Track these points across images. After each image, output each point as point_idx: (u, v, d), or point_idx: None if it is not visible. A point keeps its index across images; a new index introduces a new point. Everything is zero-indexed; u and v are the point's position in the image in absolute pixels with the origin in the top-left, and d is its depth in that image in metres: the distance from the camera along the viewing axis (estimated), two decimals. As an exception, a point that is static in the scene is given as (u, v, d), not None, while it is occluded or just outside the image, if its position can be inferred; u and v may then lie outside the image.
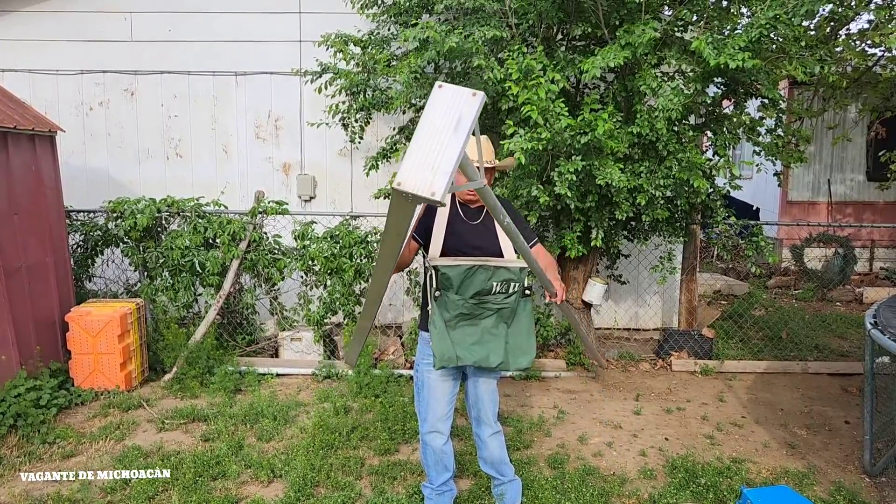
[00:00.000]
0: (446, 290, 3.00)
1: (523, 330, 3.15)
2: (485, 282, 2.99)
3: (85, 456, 4.16)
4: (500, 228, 3.01)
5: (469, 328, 3.05)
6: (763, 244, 5.65)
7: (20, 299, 4.90)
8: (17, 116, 5.01)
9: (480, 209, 3.16)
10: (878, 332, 3.68)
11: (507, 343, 3.10)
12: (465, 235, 3.10)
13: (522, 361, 3.14)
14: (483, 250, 3.06)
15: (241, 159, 7.23)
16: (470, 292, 2.99)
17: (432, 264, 3.00)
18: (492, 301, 3.02)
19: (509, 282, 3.02)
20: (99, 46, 7.02)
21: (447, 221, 3.11)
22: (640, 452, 4.33)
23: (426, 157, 1.64)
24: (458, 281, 2.97)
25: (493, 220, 3.09)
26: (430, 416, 3.20)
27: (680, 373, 6.01)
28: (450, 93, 1.71)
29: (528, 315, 3.16)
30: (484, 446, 3.34)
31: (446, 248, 3.06)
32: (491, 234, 3.12)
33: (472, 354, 3.05)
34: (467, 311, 3.02)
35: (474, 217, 3.15)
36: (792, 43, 4.92)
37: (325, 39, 5.62)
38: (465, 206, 3.16)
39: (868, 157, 10.98)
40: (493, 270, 2.99)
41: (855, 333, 7.30)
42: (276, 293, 6.23)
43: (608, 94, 5.32)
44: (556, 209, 5.55)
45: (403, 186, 1.61)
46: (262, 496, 3.65)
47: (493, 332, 3.07)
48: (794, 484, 3.88)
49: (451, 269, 2.97)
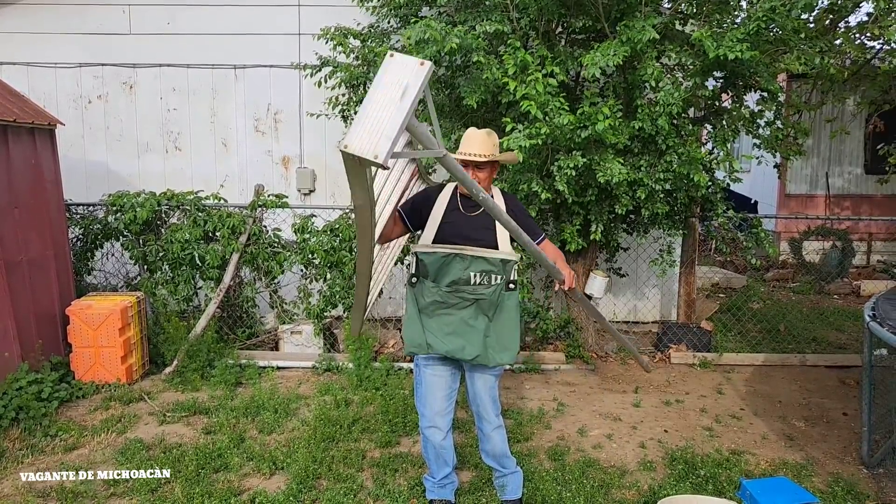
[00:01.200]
0: (423, 276, 3.02)
1: (507, 325, 3.11)
2: (462, 271, 2.98)
3: (87, 449, 4.17)
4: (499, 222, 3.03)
5: (445, 317, 3.04)
6: (763, 235, 5.67)
7: (21, 293, 4.90)
8: (17, 110, 5.00)
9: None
10: (876, 324, 3.70)
11: (486, 337, 3.07)
12: (461, 226, 3.08)
13: (503, 357, 3.12)
14: (477, 242, 3.03)
15: (240, 153, 7.22)
16: (446, 280, 2.99)
17: (413, 251, 3.04)
18: (468, 291, 3.00)
19: (489, 273, 3.00)
20: (97, 39, 6.99)
21: (444, 211, 3.11)
22: (639, 444, 4.36)
23: (372, 122, 1.70)
24: (433, 268, 2.99)
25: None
26: (427, 412, 3.21)
27: (679, 365, 6.04)
28: (399, 62, 1.78)
29: (513, 309, 3.12)
30: (486, 440, 3.35)
31: (439, 237, 3.06)
32: (488, 226, 3.09)
33: (445, 344, 3.04)
34: (441, 300, 3.01)
35: (473, 209, 3.13)
36: (791, 35, 4.93)
37: (325, 33, 5.61)
38: (466, 199, 3.14)
39: (866, 151, 11.00)
40: (470, 260, 2.98)
41: (852, 326, 7.34)
42: (276, 286, 6.24)
43: (608, 88, 5.32)
44: (555, 203, 5.56)
45: (349, 149, 1.68)
46: (265, 488, 3.67)
47: (471, 324, 3.04)
48: (793, 475, 3.91)
49: (428, 255, 2.99)
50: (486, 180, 3.10)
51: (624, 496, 3.67)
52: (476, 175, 3.03)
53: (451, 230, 3.07)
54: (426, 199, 3.19)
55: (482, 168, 3.07)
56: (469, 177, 2.33)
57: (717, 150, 5.56)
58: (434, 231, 3.07)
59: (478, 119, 5.61)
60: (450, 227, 3.07)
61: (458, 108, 5.41)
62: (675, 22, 5.11)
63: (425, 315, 3.06)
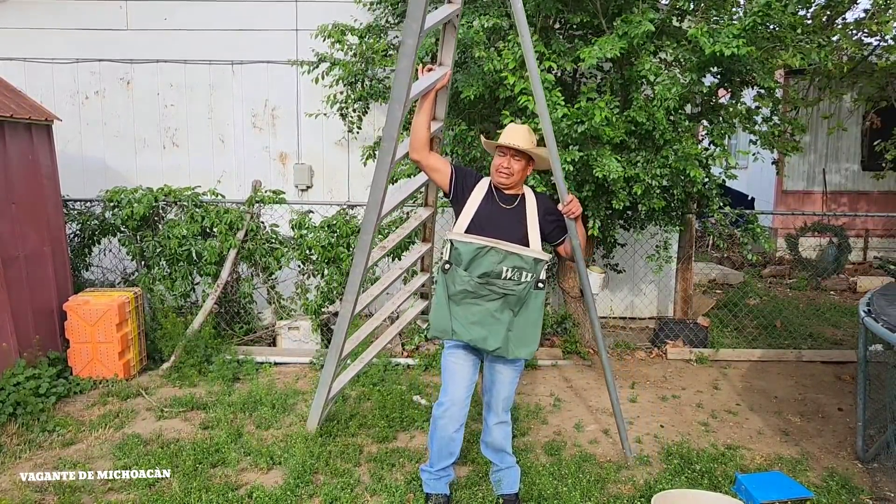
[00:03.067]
0: (457, 264, 3.08)
1: (530, 321, 3.17)
2: (495, 264, 3.05)
3: (85, 444, 4.18)
4: (531, 218, 3.21)
5: (473, 307, 3.10)
6: (759, 231, 5.68)
7: (18, 288, 4.90)
8: (14, 105, 4.99)
9: (515, 197, 3.25)
10: (871, 319, 3.72)
11: (509, 331, 3.12)
12: (494, 217, 3.16)
13: (522, 352, 3.18)
14: (508, 236, 3.11)
15: (237, 149, 7.22)
16: (478, 271, 3.05)
17: (448, 238, 3.11)
18: (499, 285, 3.06)
19: (521, 270, 3.07)
20: (94, 35, 6.98)
21: (481, 200, 3.20)
22: (635, 439, 4.37)
23: None
24: (468, 258, 3.05)
25: (525, 208, 3.23)
26: (446, 400, 3.23)
27: (675, 361, 6.06)
28: None
29: (537, 308, 3.18)
30: (488, 431, 3.40)
31: (472, 224, 3.14)
32: (521, 221, 3.20)
33: (469, 332, 3.10)
34: (472, 290, 3.07)
35: (508, 202, 3.23)
36: (787, 31, 4.94)
37: (323, 30, 5.60)
38: (500, 192, 3.24)
39: (863, 147, 11.03)
40: (504, 254, 3.05)
41: (848, 322, 7.36)
42: (273, 282, 6.25)
43: (605, 84, 5.33)
44: (552, 199, 5.56)
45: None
46: (262, 483, 3.68)
47: (496, 317, 3.10)
48: (788, 470, 3.93)
49: (464, 244, 3.06)
50: (520, 173, 3.21)
51: (619, 490, 3.68)
52: (511, 165, 3.17)
53: (485, 221, 3.15)
54: (469, 175, 3.28)
55: (518, 159, 3.18)
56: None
57: (713, 146, 5.57)
58: (469, 219, 3.15)
59: (475, 114, 5.62)
60: (484, 219, 3.15)
61: (456, 103, 5.42)
62: (672, 18, 5.12)
63: (453, 302, 3.12)
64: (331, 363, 3.84)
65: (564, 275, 6.20)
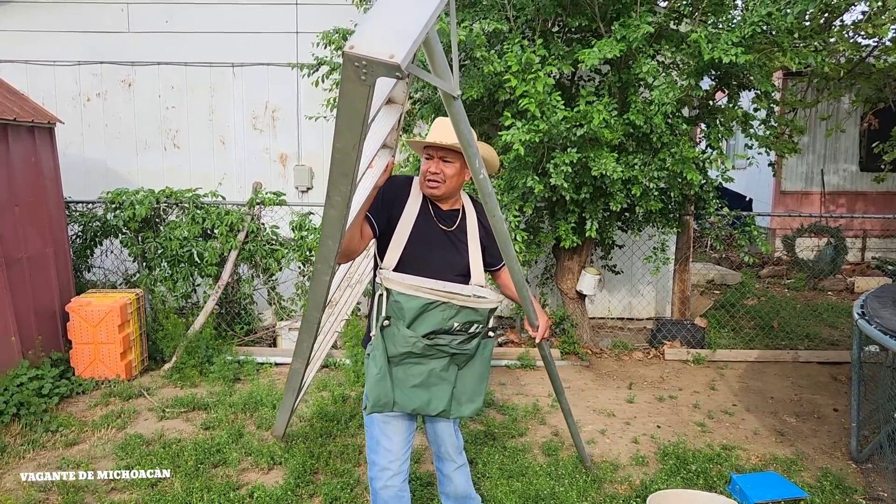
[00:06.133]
0: (398, 319, 2.44)
1: (475, 375, 2.63)
2: (445, 321, 2.45)
3: (87, 444, 4.22)
4: (472, 241, 2.64)
5: (414, 367, 2.51)
6: (756, 233, 5.73)
7: (21, 290, 4.95)
8: (17, 108, 5.03)
9: (455, 214, 2.65)
10: (864, 322, 3.77)
11: (454, 388, 2.59)
12: (434, 242, 2.57)
13: (466, 409, 2.63)
14: (448, 268, 2.56)
15: (238, 150, 7.26)
16: (425, 330, 2.43)
17: (385, 284, 2.45)
18: (446, 341, 2.48)
19: (473, 322, 2.51)
20: (96, 37, 7.03)
21: (416, 219, 2.56)
22: (632, 440, 4.42)
23: (389, 16, 1.36)
24: (411, 315, 2.42)
25: (466, 228, 2.65)
26: (380, 459, 2.63)
27: (672, 361, 6.10)
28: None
29: (485, 359, 2.65)
30: (447, 481, 2.87)
31: (406, 254, 2.51)
32: (463, 245, 2.62)
33: (413, 400, 2.52)
34: (417, 351, 2.46)
35: (447, 222, 2.62)
36: (785, 35, 4.98)
37: (324, 37, 5.63)
38: (437, 207, 2.62)
39: (861, 148, 11.08)
40: (457, 310, 2.45)
41: (845, 323, 7.40)
42: (273, 283, 6.29)
43: (604, 86, 5.37)
44: (551, 200, 5.61)
45: (356, 49, 1.29)
46: (263, 483, 3.73)
47: (442, 376, 2.54)
48: (783, 470, 3.97)
49: (407, 298, 2.41)
50: (454, 179, 2.56)
51: (616, 490, 3.73)
52: (441, 170, 2.53)
53: (421, 247, 2.54)
54: (397, 193, 2.59)
55: (451, 161, 2.54)
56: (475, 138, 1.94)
57: (710, 149, 5.61)
58: (402, 245, 2.52)
59: (474, 117, 5.66)
60: (421, 243, 2.54)
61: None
62: (671, 21, 5.16)
63: (392, 364, 2.50)
64: (299, 367, 3.33)
65: (562, 276, 6.25)
